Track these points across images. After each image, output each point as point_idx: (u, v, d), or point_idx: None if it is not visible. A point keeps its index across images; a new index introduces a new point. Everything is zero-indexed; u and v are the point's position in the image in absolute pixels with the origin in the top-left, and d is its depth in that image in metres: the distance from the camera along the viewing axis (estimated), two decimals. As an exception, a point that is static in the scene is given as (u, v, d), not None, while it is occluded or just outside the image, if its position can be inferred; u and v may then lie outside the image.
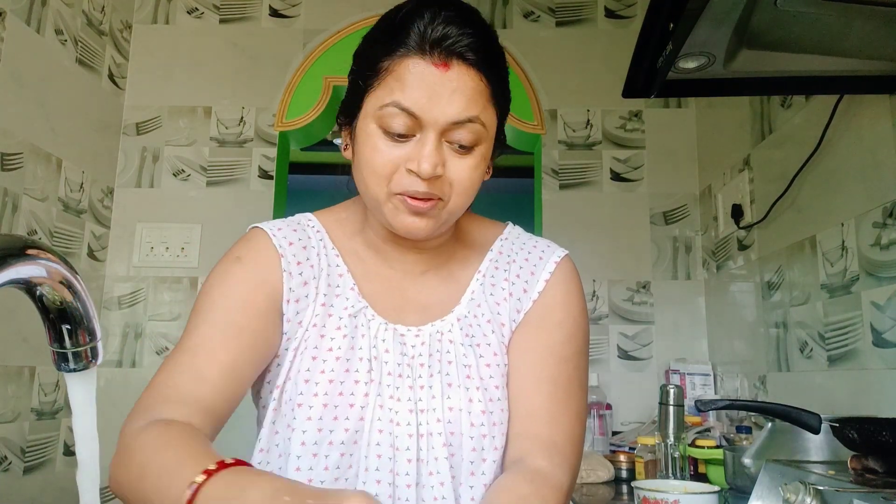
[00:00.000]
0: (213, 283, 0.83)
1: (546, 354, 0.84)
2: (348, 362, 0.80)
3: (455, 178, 0.78)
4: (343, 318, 0.83)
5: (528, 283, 0.88)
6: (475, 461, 0.79)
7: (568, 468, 0.79)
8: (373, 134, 0.78)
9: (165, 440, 0.67)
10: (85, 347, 0.42)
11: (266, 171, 2.35)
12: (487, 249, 0.92)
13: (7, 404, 1.77)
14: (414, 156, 0.76)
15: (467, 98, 0.76)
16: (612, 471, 1.62)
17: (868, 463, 0.89)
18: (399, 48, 0.76)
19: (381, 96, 0.77)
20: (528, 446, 0.79)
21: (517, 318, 0.87)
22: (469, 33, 0.76)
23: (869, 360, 1.37)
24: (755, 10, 1.03)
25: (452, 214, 0.81)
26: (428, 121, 0.75)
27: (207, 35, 2.44)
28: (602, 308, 2.30)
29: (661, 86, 1.21)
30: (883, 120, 1.34)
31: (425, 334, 0.84)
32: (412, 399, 0.80)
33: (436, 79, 0.75)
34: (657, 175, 2.37)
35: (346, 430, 0.78)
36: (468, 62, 0.76)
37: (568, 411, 0.82)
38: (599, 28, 2.48)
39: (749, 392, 1.91)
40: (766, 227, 1.83)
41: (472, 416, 0.80)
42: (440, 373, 0.82)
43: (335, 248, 0.88)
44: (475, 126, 0.77)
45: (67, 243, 2.06)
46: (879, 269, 1.34)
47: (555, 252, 0.91)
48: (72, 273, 0.40)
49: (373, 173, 0.78)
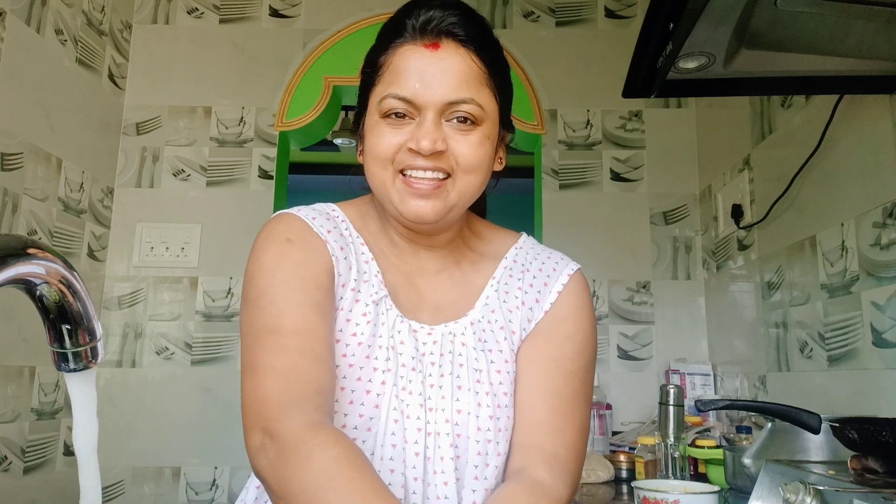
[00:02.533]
0: (270, 265, 0.80)
1: (553, 366, 0.85)
2: (369, 349, 0.81)
3: (459, 153, 0.79)
4: (369, 304, 0.84)
5: (540, 294, 0.89)
6: (479, 465, 0.79)
7: (569, 481, 0.79)
8: (376, 124, 0.81)
9: (349, 469, 0.64)
10: (85, 347, 0.42)
11: (266, 171, 2.35)
12: (502, 257, 0.93)
13: (7, 404, 1.77)
14: (414, 135, 0.78)
15: (459, 78, 0.78)
16: (612, 471, 1.62)
17: (868, 463, 0.89)
18: (394, 41, 0.80)
19: (380, 91, 0.80)
20: (529, 457, 0.80)
21: (528, 327, 0.88)
22: (456, 13, 0.79)
23: (869, 360, 1.37)
24: (755, 10, 1.03)
25: (462, 195, 0.82)
26: (423, 103, 0.78)
27: (207, 35, 2.44)
28: (602, 308, 2.29)
29: (661, 86, 1.21)
30: (883, 120, 1.34)
31: (437, 334, 0.85)
32: (423, 395, 0.80)
33: (427, 60, 0.78)
34: (657, 175, 2.37)
35: (361, 416, 0.78)
36: (458, 39, 0.79)
37: (571, 424, 0.83)
38: (599, 28, 2.48)
39: (749, 392, 1.91)
40: (766, 227, 1.83)
41: (479, 420, 0.80)
42: (451, 374, 0.82)
43: (361, 238, 0.89)
44: (471, 106, 0.79)
45: (67, 243, 2.06)
46: (879, 269, 1.34)
47: (568, 265, 0.92)
48: (72, 273, 0.40)
49: (377, 158, 0.81)
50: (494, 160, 0.86)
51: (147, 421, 2.15)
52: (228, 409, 2.17)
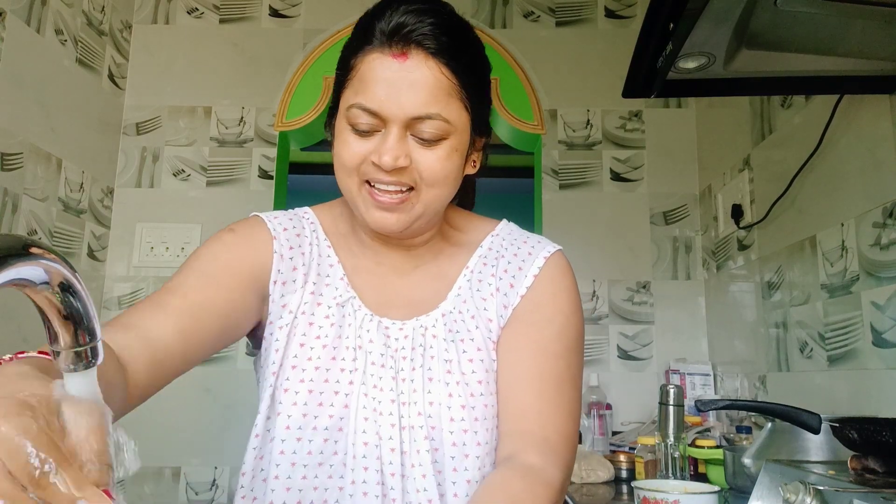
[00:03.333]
0: (202, 246, 0.86)
1: (536, 351, 0.84)
2: (335, 350, 0.82)
3: (424, 167, 0.78)
4: (332, 306, 0.84)
5: (514, 279, 0.87)
6: (457, 456, 0.79)
7: (561, 465, 0.79)
8: (343, 130, 0.80)
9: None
10: (85, 347, 0.42)
11: (266, 171, 2.35)
12: (477, 246, 0.92)
13: (7, 404, 1.77)
14: (378, 149, 0.77)
15: (427, 92, 0.76)
16: (612, 471, 1.62)
17: (868, 463, 0.89)
18: (364, 45, 0.78)
19: (348, 97, 0.79)
20: (520, 443, 0.79)
21: (505, 313, 0.86)
22: (429, 22, 0.76)
23: (869, 360, 1.37)
24: (755, 10, 1.03)
25: (428, 206, 0.81)
26: (388, 116, 0.76)
27: (207, 35, 2.44)
28: (602, 308, 2.30)
29: (661, 86, 1.21)
30: (883, 120, 1.34)
31: (409, 328, 0.85)
32: (394, 390, 0.80)
33: (394, 71, 0.76)
34: (657, 175, 2.38)
35: (331, 417, 0.79)
36: (428, 51, 0.76)
37: (560, 409, 0.82)
38: (599, 28, 2.48)
39: (749, 392, 1.91)
40: (766, 227, 1.83)
41: (451, 410, 0.80)
42: (422, 367, 0.82)
43: (328, 240, 0.90)
44: (437, 122, 0.77)
45: (67, 243, 2.06)
46: (879, 269, 1.34)
47: (545, 247, 0.90)
48: (72, 273, 0.40)
49: (342, 167, 0.80)
50: (465, 166, 0.85)
51: (147, 421, 2.15)
52: (228, 409, 2.17)
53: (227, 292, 0.81)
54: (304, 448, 0.78)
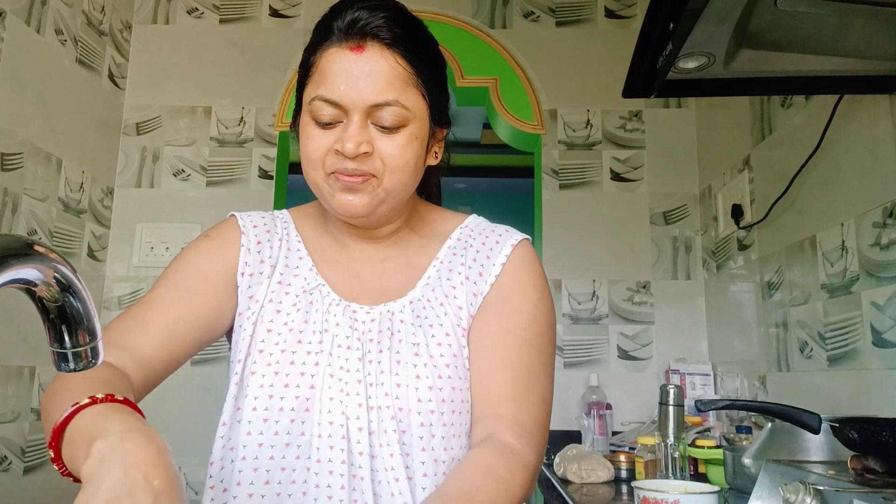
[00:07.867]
0: (180, 254, 0.91)
1: (507, 339, 0.86)
2: (301, 334, 0.84)
3: (385, 154, 0.81)
4: (299, 294, 0.87)
5: (483, 268, 0.90)
6: (424, 436, 0.81)
7: (535, 448, 0.81)
8: (307, 125, 0.84)
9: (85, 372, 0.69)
10: (85, 347, 0.42)
11: (266, 171, 2.35)
12: (447, 238, 0.94)
13: (7, 404, 1.77)
14: (340, 138, 0.81)
15: (384, 81, 0.80)
16: (612, 471, 1.61)
17: (868, 463, 0.89)
18: (322, 42, 0.82)
19: (309, 92, 0.83)
20: (494, 426, 0.81)
21: (475, 301, 0.88)
22: (382, 16, 0.81)
23: (869, 360, 1.37)
24: (755, 10, 1.03)
25: (390, 193, 0.83)
26: (348, 105, 0.80)
27: (207, 35, 2.44)
28: (602, 308, 2.30)
29: (661, 86, 1.21)
30: (883, 120, 1.34)
31: (376, 312, 0.87)
32: (361, 371, 0.82)
33: (351, 63, 0.80)
34: (657, 175, 2.38)
35: (297, 398, 0.81)
36: (383, 42, 0.80)
37: (533, 394, 0.84)
38: (599, 28, 2.48)
39: (749, 392, 1.91)
40: (766, 227, 1.83)
41: (419, 392, 0.81)
42: (390, 349, 0.84)
43: (299, 237, 0.94)
44: (395, 109, 0.80)
45: (67, 243, 2.06)
46: (879, 269, 1.34)
47: (512, 236, 0.93)
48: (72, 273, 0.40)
49: (308, 160, 0.84)
50: (427, 157, 0.88)
51: (147, 421, 2.15)
52: (228, 409, 2.17)
53: (205, 299, 0.86)
54: (270, 429, 0.80)
